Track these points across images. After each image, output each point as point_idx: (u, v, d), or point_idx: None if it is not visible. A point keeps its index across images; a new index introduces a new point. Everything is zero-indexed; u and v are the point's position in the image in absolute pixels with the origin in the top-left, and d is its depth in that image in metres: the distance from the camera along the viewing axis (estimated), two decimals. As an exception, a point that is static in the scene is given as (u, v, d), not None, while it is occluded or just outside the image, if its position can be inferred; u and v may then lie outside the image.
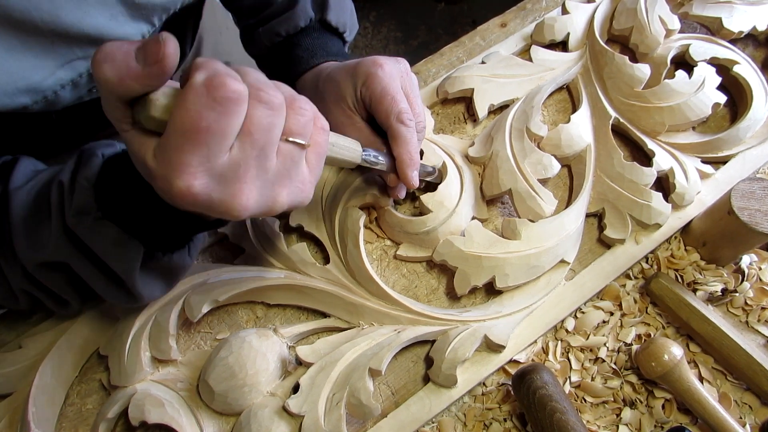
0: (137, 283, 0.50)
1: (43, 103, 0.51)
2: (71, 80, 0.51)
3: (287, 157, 0.41)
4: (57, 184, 0.48)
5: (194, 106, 0.35)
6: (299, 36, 0.71)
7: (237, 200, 0.39)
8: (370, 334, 0.60)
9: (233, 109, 0.37)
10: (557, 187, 0.72)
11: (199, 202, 0.38)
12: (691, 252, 0.68)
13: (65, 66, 0.50)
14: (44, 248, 0.49)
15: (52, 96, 0.51)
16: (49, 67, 0.49)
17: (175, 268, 0.53)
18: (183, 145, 0.36)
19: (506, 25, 0.83)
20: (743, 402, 0.61)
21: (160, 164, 0.37)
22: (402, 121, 0.58)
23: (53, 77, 0.49)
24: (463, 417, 0.60)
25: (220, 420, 0.58)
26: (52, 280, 0.52)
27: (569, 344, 0.63)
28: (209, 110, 0.36)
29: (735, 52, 0.76)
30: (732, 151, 0.72)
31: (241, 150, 0.38)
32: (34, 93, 0.49)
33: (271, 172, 0.41)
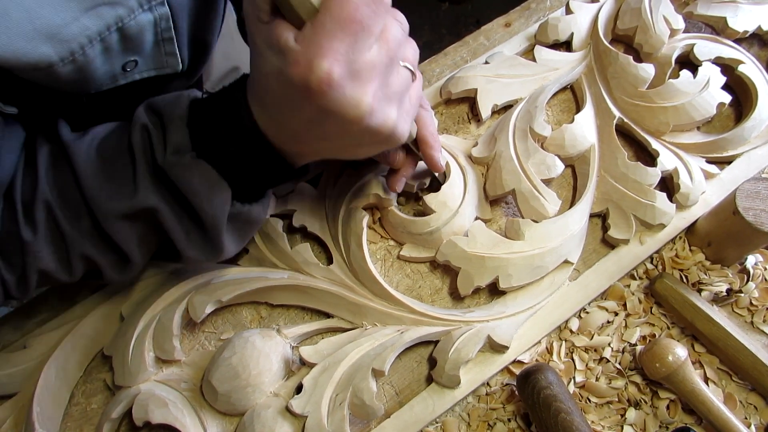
0: (223, 230, 0.50)
1: (71, 63, 0.47)
2: (99, 34, 0.47)
3: (403, 80, 0.44)
4: (140, 127, 0.49)
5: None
6: None
7: (366, 98, 0.41)
8: (373, 335, 0.60)
9: (383, 12, 0.39)
10: (561, 187, 0.72)
11: (333, 92, 0.39)
12: (695, 252, 0.67)
13: (89, 12, 0.46)
14: (127, 196, 0.48)
15: (80, 55, 0.47)
16: (72, 10, 0.45)
17: (252, 221, 0.54)
18: (335, 31, 0.38)
19: (510, 25, 0.83)
20: (748, 402, 0.61)
21: (307, 46, 0.38)
22: (422, 105, 0.59)
23: (77, 23, 0.45)
24: (467, 417, 0.60)
25: (223, 420, 0.58)
26: (127, 235, 0.51)
27: (573, 344, 0.63)
28: (365, 5, 0.38)
29: (740, 52, 0.76)
30: (737, 150, 0.71)
31: (378, 53, 0.40)
32: (58, 43, 0.45)
33: (392, 87, 0.43)
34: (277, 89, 0.42)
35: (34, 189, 0.49)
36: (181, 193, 0.48)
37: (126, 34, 0.49)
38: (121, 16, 0.48)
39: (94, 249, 0.52)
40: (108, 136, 0.52)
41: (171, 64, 0.57)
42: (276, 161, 0.49)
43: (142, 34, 0.51)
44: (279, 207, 0.66)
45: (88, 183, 0.49)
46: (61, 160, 0.50)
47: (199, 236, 0.51)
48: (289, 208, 0.66)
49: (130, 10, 0.48)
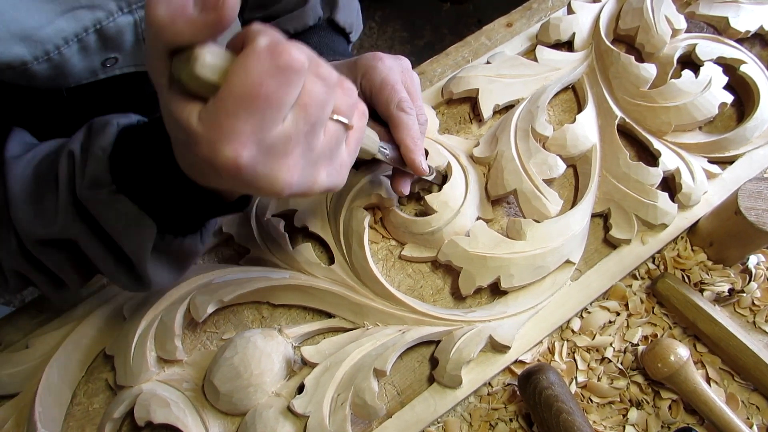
0: (148, 266, 0.47)
1: (45, 62, 0.46)
2: (76, 35, 0.47)
3: (332, 137, 0.40)
4: (67, 154, 0.45)
5: (256, 71, 0.32)
6: (307, 34, 0.71)
7: (282, 175, 0.37)
8: (374, 335, 0.60)
9: (294, 80, 0.34)
10: (562, 187, 0.72)
11: (243, 175, 0.35)
12: (697, 252, 0.67)
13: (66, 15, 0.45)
14: (49, 224, 0.46)
15: (55, 54, 0.47)
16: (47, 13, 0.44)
17: (186, 254, 0.50)
18: (238, 111, 0.33)
19: (512, 25, 0.83)
20: (750, 403, 0.60)
21: (208, 129, 0.34)
22: (402, 109, 0.57)
23: (52, 26, 0.45)
24: (468, 417, 0.60)
25: (225, 420, 0.58)
26: (52, 259, 0.49)
27: (575, 344, 0.63)
28: (271, 77, 0.33)
29: (742, 52, 0.76)
30: (739, 150, 0.71)
31: (294, 123, 0.36)
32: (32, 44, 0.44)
33: (316, 150, 0.39)
34: (187, 157, 0.39)
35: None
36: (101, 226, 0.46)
37: (104, 35, 0.49)
38: (99, 18, 0.47)
39: (27, 266, 0.50)
40: (46, 156, 0.49)
41: None
42: (204, 197, 0.45)
43: (122, 35, 0.50)
44: (280, 207, 0.66)
45: (14, 204, 0.47)
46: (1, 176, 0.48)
47: (124, 269, 0.48)
48: (290, 208, 0.66)
49: (108, 13, 0.48)
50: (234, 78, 0.33)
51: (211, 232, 0.52)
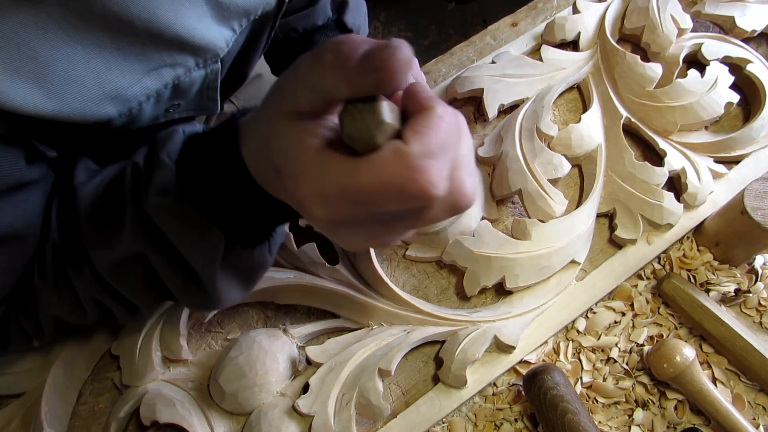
0: (217, 280, 0.45)
1: (127, 117, 0.46)
2: (156, 92, 0.47)
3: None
4: (131, 166, 0.45)
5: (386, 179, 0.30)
6: (315, 34, 0.71)
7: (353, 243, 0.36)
8: (379, 335, 0.60)
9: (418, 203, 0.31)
10: (568, 187, 0.72)
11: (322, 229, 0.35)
12: (703, 252, 0.67)
13: (152, 73, 0.45)
14: (118, 242, 0.44)
15: (136, 108, 0.46)
16: (137, 73, 0.44)
17: (255, 266, 0.48)
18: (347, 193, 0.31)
19: (517, 25, 0.83)
20: (757, 403, 0.60)
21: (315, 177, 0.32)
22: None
23: (139, 84, 0.45)
24: (473, 417, 0.60)
25: (230, 420, 0.58)
26: (125, 283, 0.47)
27: (580, 344, 0.63)
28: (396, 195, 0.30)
29: (748, 51, 0.76)
30: (745, 150, 0.71)
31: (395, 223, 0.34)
32: (120, 102, 0.45)
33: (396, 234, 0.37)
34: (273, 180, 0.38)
35: (46, 234, 0.47)
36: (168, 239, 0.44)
37: (179, 88, 0.49)
38: (179, 75, 0.48)
39: (99, 295, 0.49)
40: (113, 178, 0.48)
41: (210, 108, 0.56)
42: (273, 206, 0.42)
43: (192, 87, 0.51)
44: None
45: (86, 227, 0.46)
46: (69, 204, 0.47)
47: (193, 286, 0.46)
48: (295, 208, 0.66)
49: (187, 69, 0.48)
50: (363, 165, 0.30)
51: (279, 242, 0.49)
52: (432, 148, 0.30)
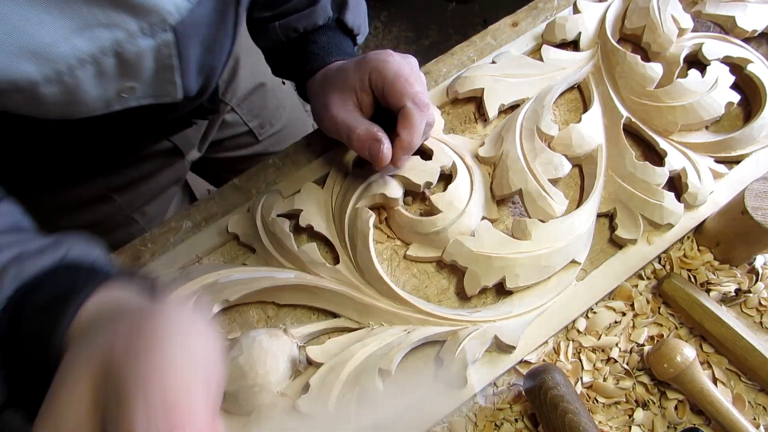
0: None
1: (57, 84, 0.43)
2: (92, 57, 0.44)
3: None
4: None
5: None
6: (316, 34, 0.71)
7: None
8: (380, 335, 0.60)
9: None
10: (568, 187, 0.72)
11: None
12: (704, 252, 0.67)
13: (84, 31, 0.42)
14: None
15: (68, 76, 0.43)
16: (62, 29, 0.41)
17: None
18: None
19: (517, 25, 0.83)
20: (757, 403, 0.60)
21: None
22: (417, 104, 0.58)
23: (67, 44, 0.41)
24: (474, 417, 0.60)
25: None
26: None
27: (581, 344, 0.63)
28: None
29: (749, 51, 0.76)
30: (745, 150, 0.71)
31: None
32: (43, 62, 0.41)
33: None
34: None
35: None
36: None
37: (123, 59, 0.46)
38: (119, 40, 0.45)
39: None
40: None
41: (170, 93, 0.54)
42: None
43: (141, 60, 0.48)
44: (285, 207, 0.66)
45: None
46: None
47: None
48: (295, 208, 0.66)
49: (128, 34, 0.45)
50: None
51: None
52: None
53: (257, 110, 0.95)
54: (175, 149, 0.82)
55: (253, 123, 0.95)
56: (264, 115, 0.97)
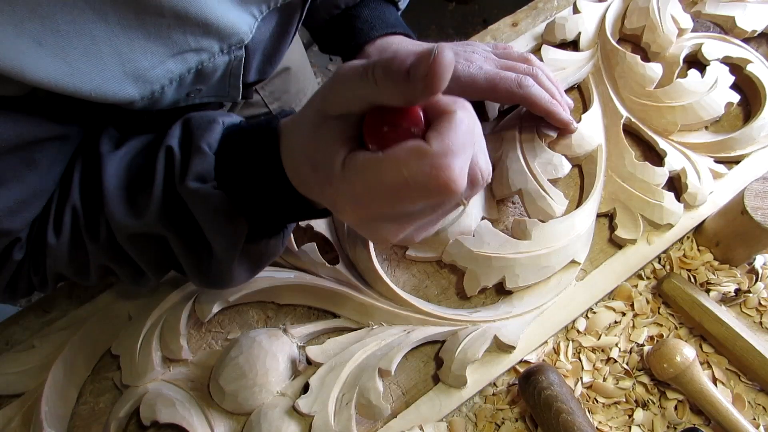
0: (234, 263, 0.48)
1: (149, 99, 0.48)
2: (179, 76, 0.48)
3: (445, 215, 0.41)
4: (165, 149, 0.47)
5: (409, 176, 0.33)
6: (357, 8, 0.71)
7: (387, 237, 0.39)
8: (379, 335, 0.60)
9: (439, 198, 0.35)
10: (568, 187, 0.72)
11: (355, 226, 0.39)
12: (703, 252, 0.67)
13: (177, 57, 0.46)
14: (140, 217, 0.47)
15: (158, 92, 0.48)
16: (161, 55, 0.45)
17: (268, 254, 0.52)
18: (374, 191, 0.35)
19: (517, 25, 0.83)
20: (757, 403, 0.60)
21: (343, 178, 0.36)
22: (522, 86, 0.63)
23: (163, 67, 0.46)
24: (473, 417, 0.60)
25: (230, 420, 0.58)
26: (139, 253, 0.50)
27: (581, 344, 0.63)
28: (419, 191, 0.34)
29: (748, 51, 0.76)
30: (745, 150, 0.71)
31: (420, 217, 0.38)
32: (142, 83, 0.46)
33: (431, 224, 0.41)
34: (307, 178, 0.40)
35: (66, 195, 0.50)
36: (195, 221, 0.47)
37: (202, 73, 0.50)
38: (203, 60, 0.48)
39: (109, 260, 0.51)
40: (141, 150, 0.51)
41: (232, 94, 0.57)
42: (299, 204, 0.45)
43: (215, 72, 0.52)
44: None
45: (109, 196, 0.48)
46: (94, 171, 0.50)
47: (209, 266, 0.50)
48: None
49: (211, 54, 0.48)
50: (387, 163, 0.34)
51: (289, 235, 0.54)
52: (451, 148, 0.34)
53: (279, 93, 0.96)
54: None
55: (273, 106, 0.96)
56: (285, 99, 0.97)
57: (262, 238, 0.49)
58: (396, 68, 0.33)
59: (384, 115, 0.36)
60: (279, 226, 0.50)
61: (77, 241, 0.50)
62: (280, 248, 0.52)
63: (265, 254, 0.51)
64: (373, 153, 0.35)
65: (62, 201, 0.50)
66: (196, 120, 0.48)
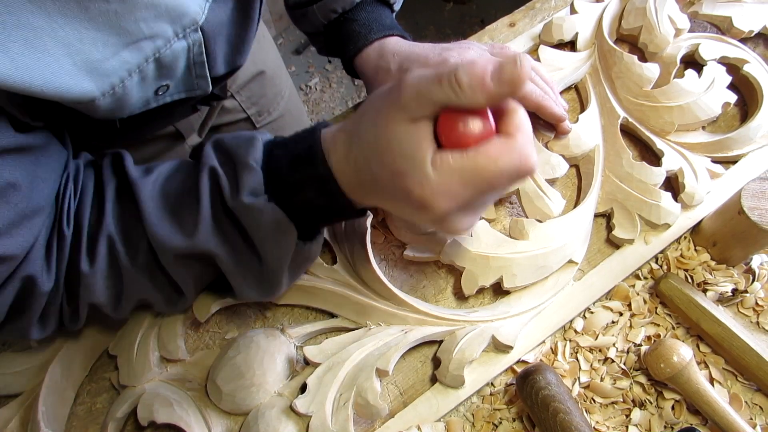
0: (285, 271, 0.51)
1: (111, 97, 0.48)
2: (138, 66, 0.48)
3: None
4: (209, 169, 0.49)
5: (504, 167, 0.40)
6: (354, 11, 0.72)
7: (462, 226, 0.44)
8: (377, 335, 0.60)
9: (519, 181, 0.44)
10: (565, 187, 0.72)
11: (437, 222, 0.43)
12: (701, 252, 0.67)
13: (131, 46, 0.46)
14: (188, 236, 0.49)
15: (119, 87, 0.48)
16: (113, 45, 0.45)
17: (309, 259, 0.56)
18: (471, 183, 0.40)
19: (515, 25, 0.83)
20: (754, 403, 0.60)
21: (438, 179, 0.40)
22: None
23: (117, 58, 0.46)
24: (471, 417, 0.60)
25: (228, 420, 0.58)
26: (183, 273, 0.52)
27: (578, 344, 0.63)
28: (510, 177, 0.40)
29: (745, 51, 0.76)
30: (742, 150, 0.71)
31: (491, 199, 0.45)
32: (98, 76, 0.45)
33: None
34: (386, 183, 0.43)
35: (99, 222, 0.50)
36: (247, 235, 0.49)
37: (161, 63, 0.50)
38: (159, 46, 0.48)
39: (149, 284, 0.52)
40: (173, 174, 0.52)
41: (201, 86, 0.57)
42: (345, 206, 0.49)
43: (176, 61, 0.52)
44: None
45: (150, 219, 0.49)
46: (127, 196, 0.50)
47: (258, 277, 0.52)
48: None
49: (166, 40, 0.48)
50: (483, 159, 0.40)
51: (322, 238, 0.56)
52: (528, 138, 0.41)
53: (256, 98, 0.96)
54: (177, 133, 0.83)
55: (251, 110, 0.96)
56: (262, 103, 0.97)
57: (305, 243, 0.52)
58: (480, 74, 0.38)
59: (457, 115, 0.40)
60: (317, 229, 0.54)
61: (113, 269, 0.51)
62: (318, 251, 0.56)
63: (308, 258, 0.55)
64: (465, 151, 0.40)
65: (96, 229, 0.50)
66: (231, 140, 0.50)
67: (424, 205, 0.41)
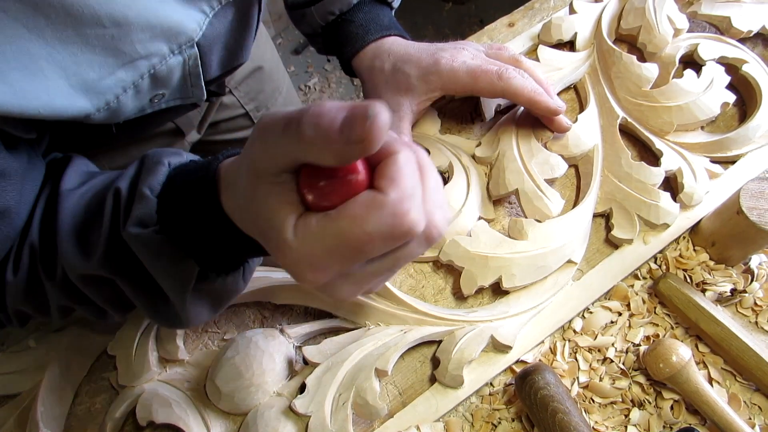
0: (187, 304, 0.46)
1: (105, 111, 0.47)
2: (133, 83, 0.48)
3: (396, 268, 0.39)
4: (113, 191, 0.45)
5: (372, 229, 0.32)
6: (352, 12, 0.72)
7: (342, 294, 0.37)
8: (376, 335, 0.60)
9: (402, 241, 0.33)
10: (564, 187, 0.72)
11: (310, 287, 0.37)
12: (699, 252, 0.67)
13: (126, 65, 0.46)
14: (89, 259, 0.45)
15: (114, 102, 0.47)
16: (110, 66, 0.45)
17: (227, 292, 0.49)
18: (335, 251, 0.33)
19: (514, 25, 0.83)
20: (753, 403, 0.60)
21: (299, 248, 0.33)
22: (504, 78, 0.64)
23: (113, 77, 0.45)
24: (470, 417, 0.60)
25: (227, 420, 0.58)
26: (95, 292, 0.48)
27: (577, 344, 0.63)
28: (382, 241, 0.32)
29: (744, 51, 0.76)
30: (741, 150, 0.71)
31: (378, 267, 0.36)
32: (94, 95, 0.45)
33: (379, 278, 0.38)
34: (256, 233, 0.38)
35: (26, 231, 0.48)
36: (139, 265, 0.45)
37: (157, 77, 0.50)
38: (154, 63, 0.48)
39: (68, 300, 0.50)
40: (98, 192, 0.49)
41: (196, 95, 0.57)
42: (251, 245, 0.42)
43: (172, 74, 0.51)
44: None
45: (61, 235, 0.46)
46: (52, 208, 0.48)
47: (161, 307, 0.48)
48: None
49: (162, 57, 0.48)
50: (347, 224, 0.32)
51: (253, 269, 0.51)
52: (407, 192, 0.33)
53: (254, 93, 0.96)
54: (177, 130, 0.83)
55: (249, 106, 0.96)
56: (260, 98, 0.98)
57: (218, 276, 0.47)
58: (326, 126, 0.30)
59: (319, 168, 0.33)
60: (236, 262, 0.48)
61: (34, 279, 0.49)
62: (241, 284, 0.49)
63: (224, 291, 0.49)
64: (326, 214, 0.33)
65: (23, 238, 0.48)
66: (148, 160, 0.46)
67: (291, 273, 0.36)
